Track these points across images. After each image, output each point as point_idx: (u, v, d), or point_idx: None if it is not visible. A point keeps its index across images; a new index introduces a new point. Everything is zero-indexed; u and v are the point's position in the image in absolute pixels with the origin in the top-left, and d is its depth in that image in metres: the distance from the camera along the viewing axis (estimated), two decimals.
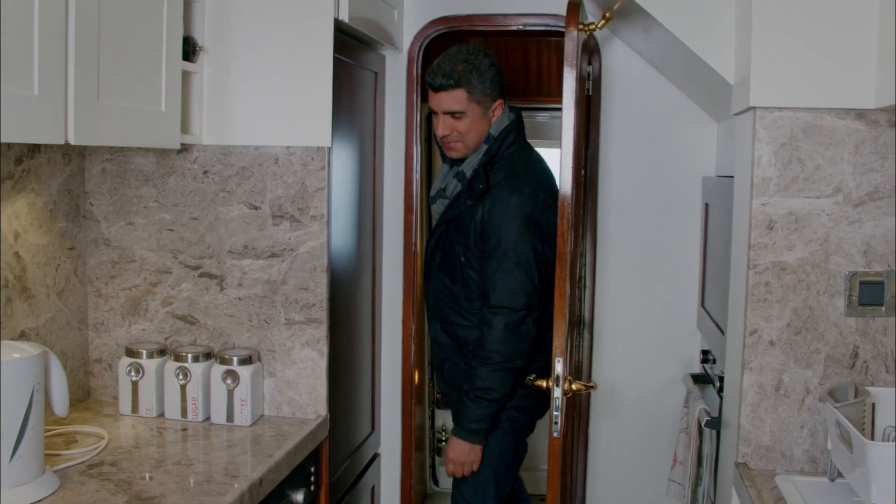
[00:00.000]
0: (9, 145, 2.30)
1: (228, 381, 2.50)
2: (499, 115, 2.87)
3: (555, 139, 4.98)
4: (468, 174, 2.87)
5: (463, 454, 2.85)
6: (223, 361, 2.52)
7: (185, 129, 2.48)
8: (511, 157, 2.86)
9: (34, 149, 2.42)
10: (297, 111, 2.55)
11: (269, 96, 2.55)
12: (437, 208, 3.00)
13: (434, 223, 3.04)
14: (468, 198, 2.84)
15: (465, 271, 2.87)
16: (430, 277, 3.04)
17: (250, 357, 2.55)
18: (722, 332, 2.69)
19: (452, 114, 2.82)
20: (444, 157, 3.03)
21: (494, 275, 2.75)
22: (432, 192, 3.06)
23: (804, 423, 2.22)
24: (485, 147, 2.86)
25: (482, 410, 2.78)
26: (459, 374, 2.93)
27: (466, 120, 2.82)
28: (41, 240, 2.48)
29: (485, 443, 2.86)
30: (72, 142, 1.89)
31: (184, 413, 2.54)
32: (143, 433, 2.44)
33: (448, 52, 2.84)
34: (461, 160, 2.92)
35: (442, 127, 2.85)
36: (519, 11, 3.27)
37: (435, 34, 3.31)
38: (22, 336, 2.40)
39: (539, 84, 4.25)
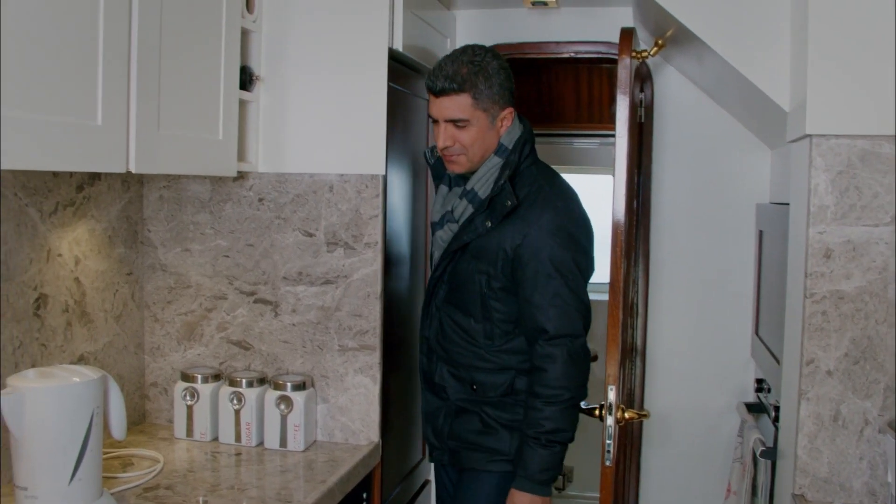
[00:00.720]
0: (71, 173, 2.36)
1: (282, 406, 2.52)
2: (508, 125, 2.50)
3: (605, 166, 4.99)
4: (481, 193, 2.47)
5: None
6: (277, 387, 2.54)
7: (241, 156, 2.52)
8: (530, 171, 2.51)
9: (95, 176, 2.47)
10: (351, 140, 2.57)
11: (324, 125, 2.58)
12: (443, 235, 2.57)
13: (435, 252, 2.61)
14: (488, 218, 2.45)
15: (489, 304, 2.49)
16: (429, 315, 2.63)
17: (304, 383, 2.57)
18: (777, 360, 2.66)
19: (455, 122, 2.45)
20: (438, 175, 2.67)
21: (545, 302, 2.39)
22: (434, 217, 2.63)
23: (863, 455, 2.18)
24: (498, 160, 2.48)
25: (555, 456, 2.41)
26: (472, 427, 2.55)
27: (471, 130, 2.45)
28: (100, 265, 2.53)
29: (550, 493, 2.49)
30: (133, 170, 1.93)
31: (237, 438, 2.56)
32: (197, 457, 2.47)
33: (452, 52, 2.53)
34: (464, 178, 2.55)
35: (443, 137, 2.48)
36: (571, 39, 3.28)
37: None
38: (81, 360, 2.45)
39: (590, 111, 4.25)
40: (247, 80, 2.52)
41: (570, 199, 2.50)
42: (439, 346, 2.59)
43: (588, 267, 2.47)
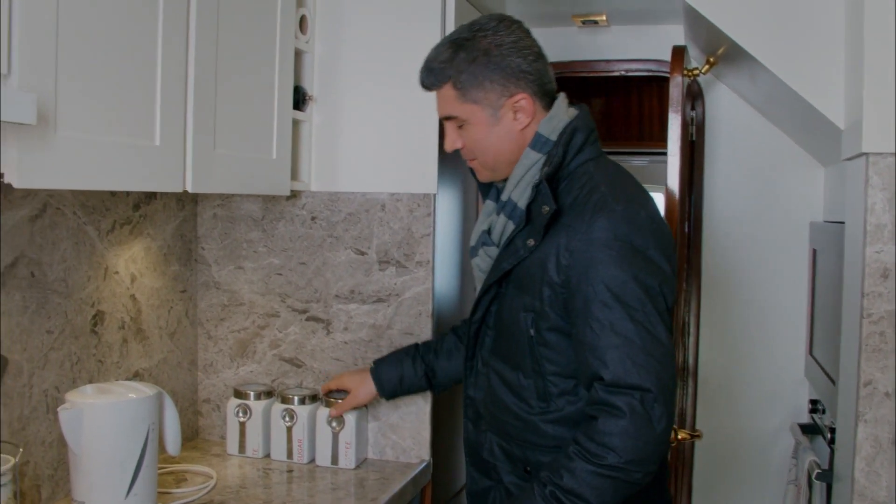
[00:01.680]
0: (127, 192, 2.40)
1: (333, 423, 2.53)
2: (528, 115, 1.93)
3: (655, 183, 4.96)
4: (520, 202, 1.91)
5: None
6: (329, 404, 2.55)
7: (294, 175, 2.55)
8: (585, 169, 1.90)
9: (150, 195, 2.51)
10: (403, 159, 2.59)
11: (377, 144, 2.60)
12: (481, 263, 2.04)
13: (477, 287, 2.07)
14: (530, 235, 1.87)
15: (538, 352, 1.89)
16: (474, 370, 2.09)
17: None
18: (832, 381, 2.62)
19: (449, 119, 2.00)
20: (485, 190, 2.15)
21: (600, 342, 1.75)
22: (472, 241, 2.10)
23: None
24: (537, 156, 1.91)
25: None
26: None
27: (470, 129, 1.95)
28: (155, 283, 2.56)
29: None
30: (190, 190, 1.97)
31: (289, 454, 2.58)
32: (249, 473, 2.49)
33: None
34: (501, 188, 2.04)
35: (448, 140, 2.02)
36: (622, 57, 3.28)
37: None
38: (136, 376, 2.48)
39: (640, 128, 4.25)
40: (300, 99, 2.55)
41: (635, 202, 1.85)
42: (488, 411, 2.03)
43: (665, 291, 1.80)
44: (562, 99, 1.97)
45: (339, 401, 2.48)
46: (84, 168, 1.65)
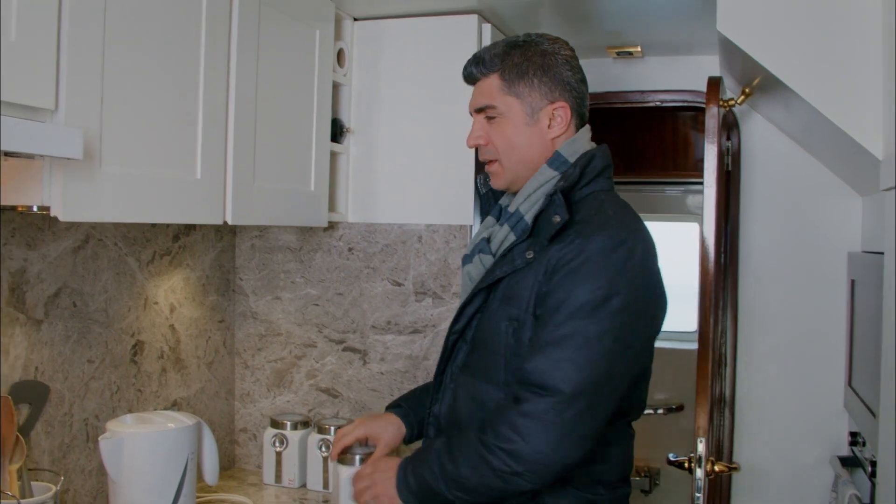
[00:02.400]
0: (167, 224, 2.43)
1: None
2: (562, 127, 1.90)
3: (688, 213, 4.96)
4: (527, 214, 1.85)
5: (381, 490, 1.87)
6: (344, 461, 2.53)
7: (331, 207, 2.58)
8: (596, 197, 1.87)
9: (190, 226, 2.55)
10: (440, 190, 2.60)
11: (413, 175, 2.62)
12: (473, 270, 1.96)
13: (462, 298, 1.98)
14: (530, 248, 1.82)
15: (512, 363, 1.81)
16: (441, 385, 1.99)
17: None
18: (873, 413, 2.59)
19: (485, 112, 1.92)
20: (486, 209, 2.07)
21: (551, 339, 1.72)
22: (467, 250, 2.01)
23: None
24: (552, 173, 1.87)
25: (438, 486, 1.77)
26: None
27: (503, 124, 1.89)
28: (194, 313, 2.59)
29: None
30: (230, 222, 2.00)
31: (325, 485, 2.58)
32: None
33: None
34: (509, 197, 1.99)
35: (473, 133, 1.94)
36: (656, 88, 3.28)
37: None
38: (174, 405, 2.50)
39: (675, 158, 4.24)
40: (337, 131, 2.58)
41: (636, 236, 1.82)
42: (450, 428, 1.94)
43: (638, 323, 1.78)
44: (587, 129, 1.96)
45: (357, 455, 2.22)
46: (128, 201, 1.68)
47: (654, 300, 1.83)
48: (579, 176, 1.85)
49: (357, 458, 2.19)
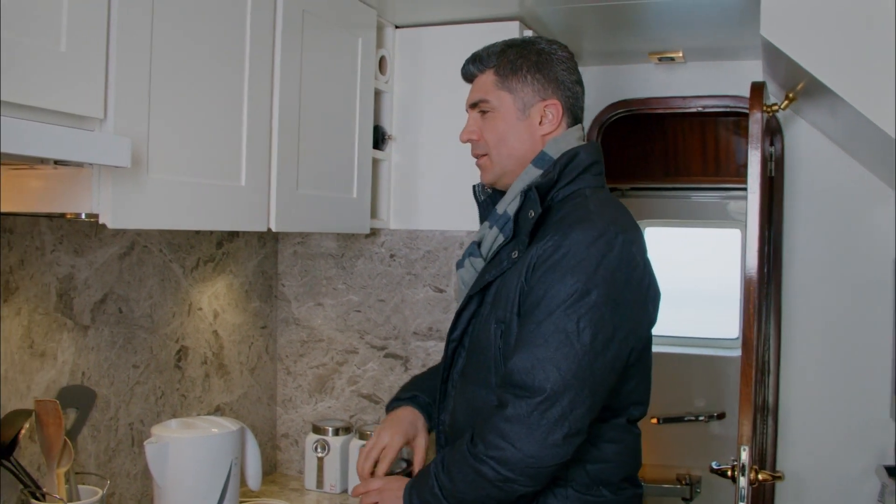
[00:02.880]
0: (211, 230, 2.46)
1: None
2: (553, 124, 1.91)
3: (730, 219, 4.92)
4: (511, 212, 1.87)
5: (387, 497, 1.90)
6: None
7: (373, 213, 2.59)
8: (581, 192, 1.86)
9: (233, 233, 2.57)
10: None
11: (455, 181, 2.62)
12: (465, 275, 1.98)
13: (459, 303, 1.98)
14: (515, 247, 1.83)
15: (501, 366, 1.81)
16: (445, 393, 2.00)
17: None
18: None
19: (479, 107, 1.95)
20: (483, 209, 2.06)
21: (534, 339, 1.71)
22: (459, 255, 2.10)
23: None
24: (536, 172, 1.88)
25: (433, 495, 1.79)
26: None
27: (494, 119, 1.92)
28: (237, 319, 2.61)
29: None
30: (273, 229, 2.01)
31: None
32: None
33: None
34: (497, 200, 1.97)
35: (466, 130, 1.98)
36: (698, 93, 3.26)
37: (614, 117, 3.33)
38: (217, 410, 2.52)
39: (717, 164, 4.21)
40: (379, 139, 2.59)
41: (618, 226, 1.77)
42: (454, 435, 1.93)
43: (628, 329, 1.76)
44: (578, 128, 1.96)
45: (399, 473, 2.20)
46: (174, 208, 1.70)
47: (638, 292, 1.79)
48: (559, 174, 1.84)
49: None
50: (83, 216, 1.57)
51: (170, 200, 1.69)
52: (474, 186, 2.09)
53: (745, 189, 2.49)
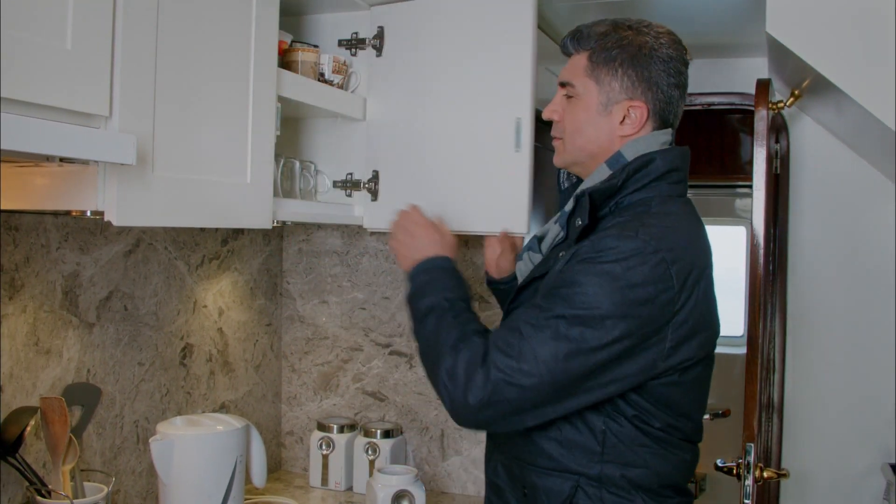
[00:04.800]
0: (216, 228, 2.45)
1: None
2: (634, 126, 1.78)
3: (735, 217, 4.91)
4: (568, 210, 1.80)
5: (407, 251, 1.92)
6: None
7: None
8: (646, 203, 1.74)
9: (238, 230, 2.57)
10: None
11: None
12: (523, 266, 1.94)
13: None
14: (564, 248, 1.75)
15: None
16: None
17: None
18: None
19: (564, 87, 1.86)
20: (565, 197, 1.99)
21: (524, 322, 1.62)
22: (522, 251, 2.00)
23: None
24: (607, 172, 1.78)
25: (419, 304, 1.78)
26: None
27: (576, 104, 1.82)
28: (242, 316, 2.61)
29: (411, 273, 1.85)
30: (278, 219, 2.01)
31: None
32: None
33: None
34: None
35: (549, 107, 1.88)
36: (703, 91, 3.25)
37: None
38: (222, 408, 2.53)
39: (722, 162, 4.20)
40: None
41: (670, 247, 1.63)
42: (498, 435, 1.89)
43: (625, 329, 1.59)
44: (665, 132, 1.82)
45: None
46: (179, 206, 1.70)
47: (660, 316, 1.62)
48: (624, 181, 1.72)
49: None
50: (88, 214, 1.57)
51: (175, 198, 1.69)
52: (558, 172, 2.00)
53: (750, 186, 2.49)
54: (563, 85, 1.84)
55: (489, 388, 1.57)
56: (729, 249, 4.75)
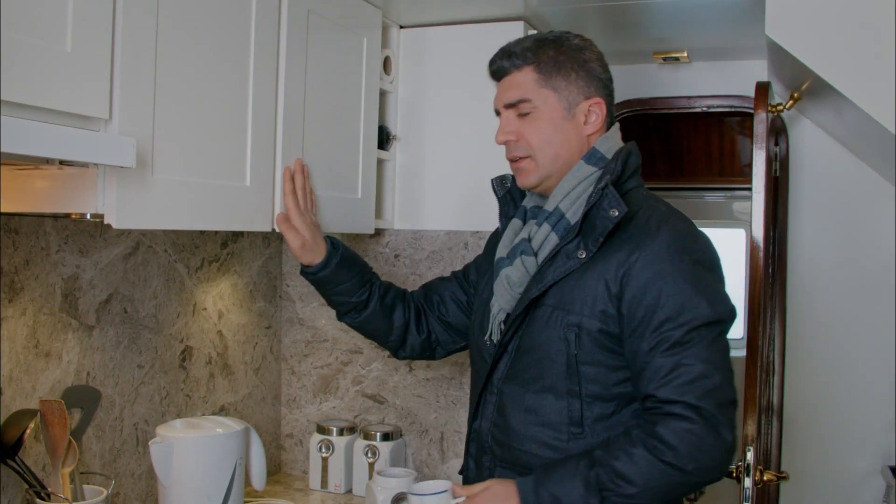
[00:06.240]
0: (216, 231, 2.46)
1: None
2: (598, 124, 1.84)
3: (733, 219, 4.91)
4: (570, 214, 1.79)
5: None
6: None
7: (378, 214, 2.58)
8: (638, 193, 1.84)
9: (238, 233, 2.57)
10: (486, 196, 2.59)
11: (460, 182, 2.62)
12: (514, 274, 1.83)
13: (494, 307, 1.88)
14: (581, 246, 1.74)
15: (578, 371, 1.73)
16: (483, 400, 1.88)
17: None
18: None
19: (516, 107, 1.84)
20: (506, 213, 2.02)
21: (653, 357, 1.66)
22: (499, 254, 1.91)
23: None
24: (591, 169, 1.81)
25: (591, 498, 1.64)
26: None
27: (538, 119, 1.82)
28: (241, 319, 2.61)
29: None
30: (278, 229, 2.01)
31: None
32: None
33: None
34: (540, 197, 1.92)
35: (502, 130, 1.87)
36: (703, 93, 3.26)
37: (619, 118, 3.33)
38: (222, 410, 2.53)
39: (721, 164, 4.21)
40: (384, 139, 2.59)
41: (694, 227, 1.80)
42: (497, 443, 1.84)
43: (721, 311, 1.70)
44: (617, 127, 1.90)
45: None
46: (179, 209, 1.70)
47: (721, 275, 1.81)
48: (622, 169, 1.79)
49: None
50: (88, 216, 1.57)
51: (175, 200, 1.69)
52: (492, 181, 2.05)
53: (749, 189, 2.49)
54: (510, 106, 1.85)
55: (725, 422, 1.67)
56: (728, 252, 4.75)
